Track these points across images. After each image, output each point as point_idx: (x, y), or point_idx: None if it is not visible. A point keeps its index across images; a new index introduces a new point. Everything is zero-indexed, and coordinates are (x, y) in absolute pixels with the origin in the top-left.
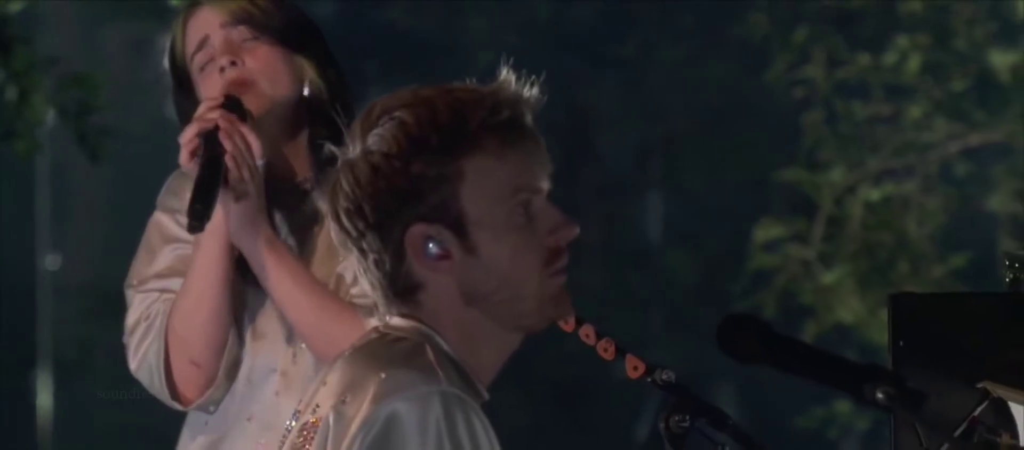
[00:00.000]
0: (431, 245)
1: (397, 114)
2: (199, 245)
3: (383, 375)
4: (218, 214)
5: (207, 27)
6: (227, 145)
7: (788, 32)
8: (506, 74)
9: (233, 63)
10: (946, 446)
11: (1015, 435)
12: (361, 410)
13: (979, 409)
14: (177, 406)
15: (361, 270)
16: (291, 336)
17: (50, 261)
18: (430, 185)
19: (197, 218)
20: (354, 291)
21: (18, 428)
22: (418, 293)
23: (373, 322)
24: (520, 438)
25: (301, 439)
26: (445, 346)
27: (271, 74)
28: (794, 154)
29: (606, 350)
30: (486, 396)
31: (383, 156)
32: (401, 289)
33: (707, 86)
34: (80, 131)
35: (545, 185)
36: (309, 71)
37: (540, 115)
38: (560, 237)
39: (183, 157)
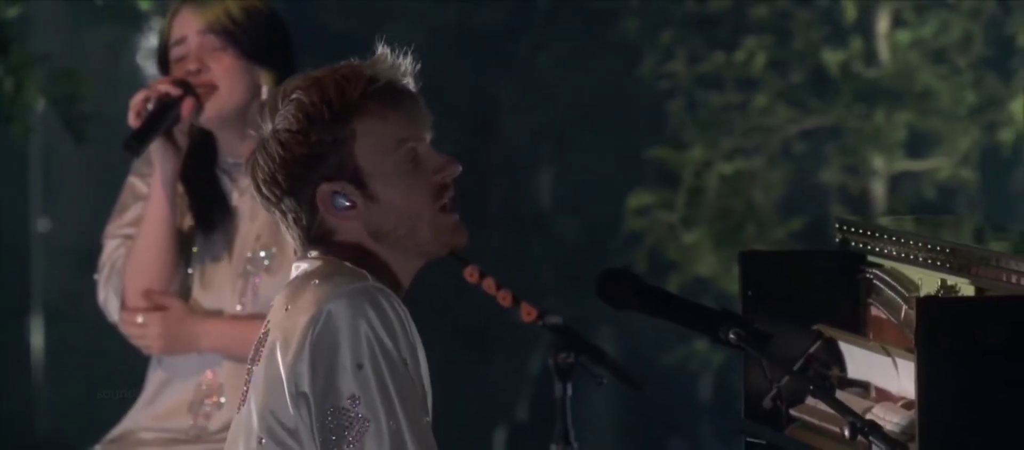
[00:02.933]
0: (338, 198)
1: (294, 96)
2: (150, 190)
3: (316, 282)
4: (169, 164)
5: (187, 27)
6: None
7: (656, 34)
8: (381, 49)
9: (198, 70)
10: (786, 379)
11: (843, 369)
12: (302, 315)
13: (814, 348)
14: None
15: (283, 228)
16: (236, 286)
17: (42, 224)
18: (328, 149)
19: (128, 148)
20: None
21: (14, 364)
22: (332, 238)
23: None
24: (432, 373)
25: (254, 354)
26: (364, 255)
27: (230, 82)
28: (661, 136)
29: (504, 298)
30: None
31: (287, 132)
32: (317, 237)
33: (589, 79)
34: (67, 117)
35: (427, 134)
36: (268, 81)
37: (450, 103)
38: (445, 174)
39: (131, 116)
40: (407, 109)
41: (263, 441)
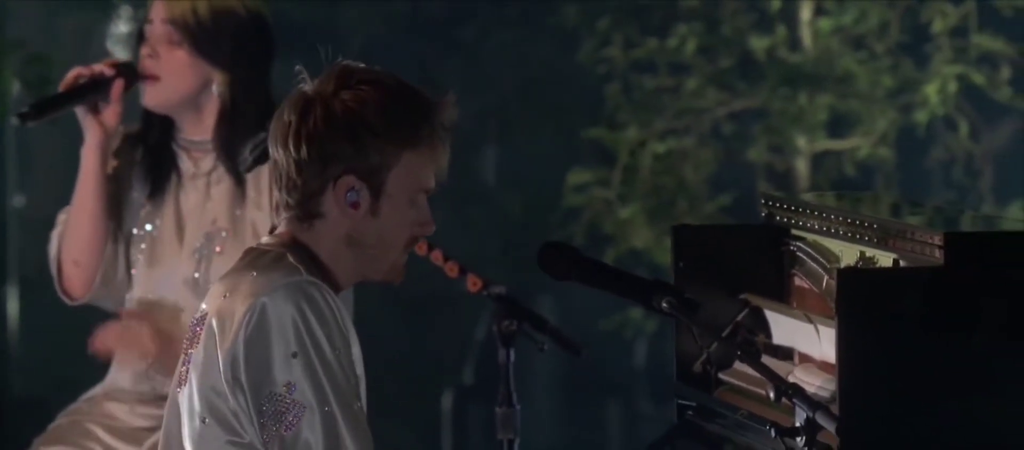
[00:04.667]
0: (352, 193)
1: (374, 90)
2: (81, 163)
3: (254, 274)
4: (93, 137)
5: (156, 13)
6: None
7: (594, 21)
8: (450, 95)
9: (150, 56)
10: (715, 344)
11: (768, 335)
12: (239, 306)
13: (741, 316)
14: (67, 301)
15: (278, 176)
16: (192, 260)
17: (17, 200)
18: (375, 155)
19: (21, 116)
20: None
21: None
22: (317, 219)
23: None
24: (383, 340)
25: (191, 335)
26: (316, 249)
27: (177, 75)
28: (598, 117)
29: (452, 269)
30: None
31: (354, 113)
32: (307, 211)
33: (531, 63)
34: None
35: (433, 186)
36: (219, 79)
37: None
38: (424, 229)
39: (60, 87)
40: (440, 161)
41: (206, 420)
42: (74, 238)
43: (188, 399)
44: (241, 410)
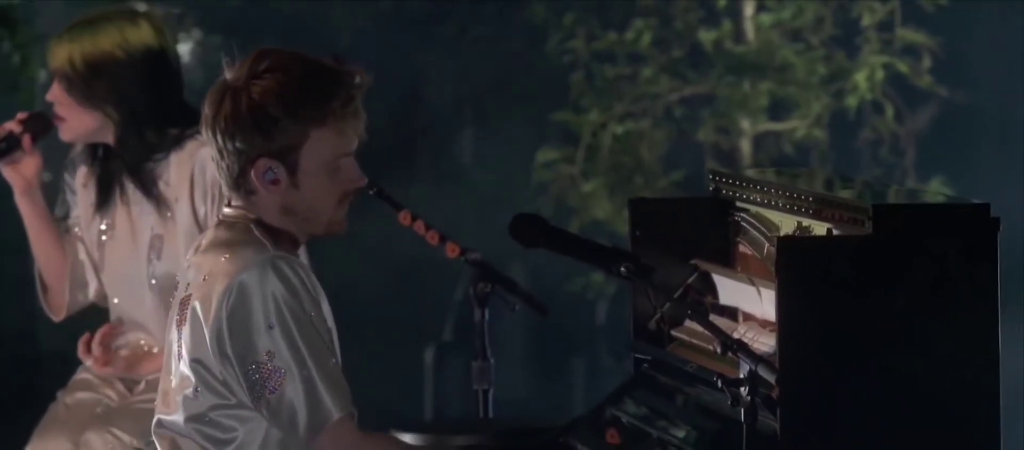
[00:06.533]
0: (269, 172)
1: (279, 77)
2: (21, 211)
3: (227, 256)
4: (17, 184)
5: (53, 63)
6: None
7: (560, 17)
8: (356, 65)
9: (54, 98)
10: (668, 305)
11: (715, 296)
12: (217, 287)
13: (691, 279)
14: (53, 318)
15: (215, 164)
16: (142, 265)
17: (44, 175)
18: (282, 138)
19: None
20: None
21: (20, 285)
22: (252, 196)
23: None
24: (372, 301)
25: (179, 315)
26: (266, 220)
27: (74, 116)
28: (564, 102)
29: (432, 238)
30: (298, 254)
31: (258, 106)
32: (242, 190)
33: (504, 55)
34: None
35: (355, 147)
36: (110, 114)
37: (387, 75)
38: (355, 186)
39: None
40: (354, 128)
41: (198, 390)
42: (39, 271)
43: (179, 374)
44: (231, 378)
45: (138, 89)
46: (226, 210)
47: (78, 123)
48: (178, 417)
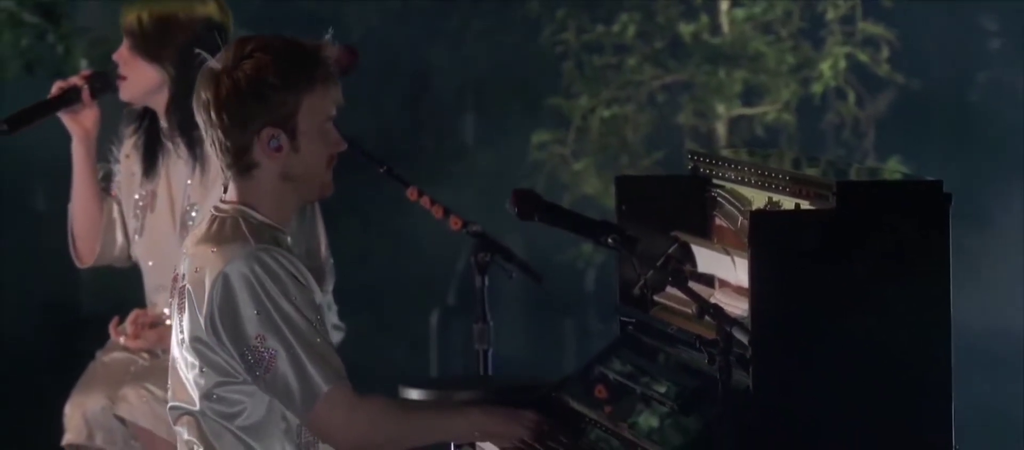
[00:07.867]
0: (273, 141)
1: (267, 54)
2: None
3: (215, 250)
4: (75, 134)
5: (124, 22)
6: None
7: (553, 12)
8: (327, 37)
9: (119, 59)
10: (651, 272)
11: (694, 265)
12: (207, 278)
13: (672, 249)
14: (78, 265)
15: (212, 144)
16: (177, 232)
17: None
18: (281, 106)
19: (3, 125)
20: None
21: (64, 255)
22: (254, 169)
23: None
24: (383, 270)
25: (177, 300)
26: (256, 215)
27: (136, 74)
28: (556, 88)
29: (437, 211)
30: (288, 241)
31: (255, 79)
32: (243, 166)
33: (503, 47)
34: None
35: (334, 112)
36: (169, 72)
37: (396, 64)
38: (338, 147)
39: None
40: (335, 91)
41: (204, 369)
42: (74, 218)
43: (184, 353)
44: (230, 357)
45: (196, 52)
46: (219, 203)
47: (138, 79)
48: (192, 398)
